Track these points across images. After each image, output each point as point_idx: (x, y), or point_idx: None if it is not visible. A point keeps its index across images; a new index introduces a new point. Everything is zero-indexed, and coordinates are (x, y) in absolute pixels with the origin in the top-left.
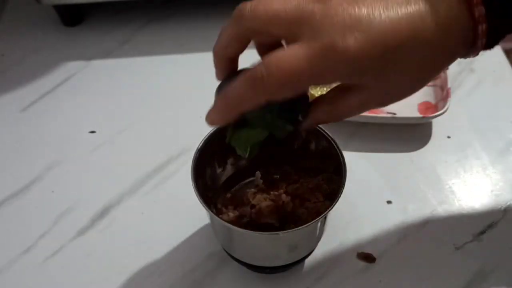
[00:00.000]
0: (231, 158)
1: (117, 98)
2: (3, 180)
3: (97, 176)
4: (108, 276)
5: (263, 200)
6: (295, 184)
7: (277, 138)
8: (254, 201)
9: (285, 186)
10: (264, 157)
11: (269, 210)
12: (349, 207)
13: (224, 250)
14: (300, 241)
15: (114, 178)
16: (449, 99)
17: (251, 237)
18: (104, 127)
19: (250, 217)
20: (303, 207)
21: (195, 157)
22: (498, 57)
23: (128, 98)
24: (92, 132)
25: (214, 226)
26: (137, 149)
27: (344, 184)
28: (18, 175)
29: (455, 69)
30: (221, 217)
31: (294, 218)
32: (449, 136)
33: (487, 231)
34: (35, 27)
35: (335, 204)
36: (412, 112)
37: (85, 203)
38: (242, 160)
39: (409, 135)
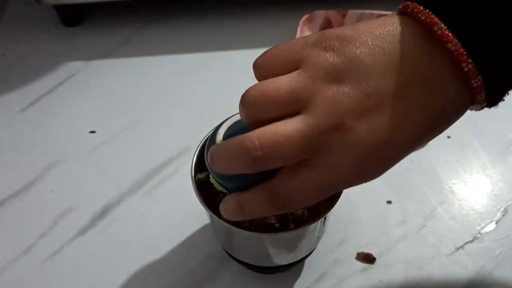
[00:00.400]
0: None
1: (117, 98)
2: (3, 180)
3: (97, 176)
4: (108, 276)
5: None
6: None
7: None
8: None
9: None
10: None
11: None
12: (349, 207)
13: (224, 250)
14: (300, 241)
15: (114, 178)
16: None
17: (251, 237)
18: (104, 127)
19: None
20: (303, 207)
21: (195, 157)
22: None
23: (128, 98)
24: (92, 132)
25: (214, 226)
26: (137, 149)
27: None
28: (18, 175)
29: None
30: (221, 217)
31: (294, 218)
32: (449, 136)
33: (487, 231)
34: (35, 27)
35: (335, 204)
36: None
37: (85, 203)
38: None
39: None
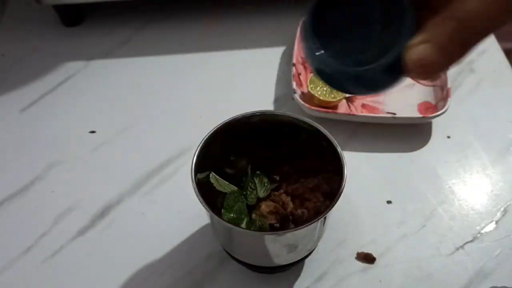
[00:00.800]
0: (231, 158)
1: (117, 98)
2: (3, 180)
3: (97, 176)
4: (108, 276)
5: (263, 200)
6: (295, 184)
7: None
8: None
9: (285, 186)
10: (264, 157)
11: (269, 210)
12: (349, 207)
13: (224, 250)
14: (300, 241)
15: (114, 178)
16: (449, 99)
17: (251, 237)
18: (104, 127)
19: (250, 217)
20: (303, 207)
21: (195, 157)
22: (498, 57)
23: (128, 98)
24: (92, 132)
25: (214, 226)
26: (137, 149)
27: (344, 184)
28: (18, 175)
29: (455, 69)
30: (221, 217)
31: (294, 218)
32: (449, 136)
33: (487, 231)
34: (35, 27)
35: (335, 204)
36: (412, 112)
37: (85, 203)
38: (242, 160)
39: (409, 135)
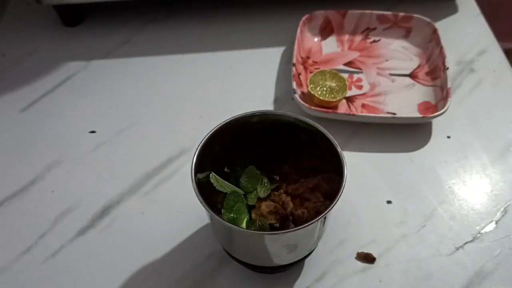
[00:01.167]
0: (231, 158)
1: (117, 98)
2: (3, 180)
3: (97, 176)
4: (108, 276)
5: (263, 200)
6: (295, 184)
7: None
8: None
9: (285, 186)
10: (264, 157)
11: (269, 210)
12: (349, 207)
13: (224, 250)
14: (300, 241)
15: (114, 178)
16: (449, 99)
17: (251, 237)
18: (104, 127)
19: (250, 217)
20: (303, 207)
21: (195, 157)
22: (498, 57)
23: (128, 98)
24: (92, 132)
25: (214, 226)
26: (137, 149)
27: (344, 184)
28: (18, 175)
29: (455, 69)
30: (221, 217)
31: (294, 218)
32: (449, 136)
33: (487, 231)
34: (35, 27)
35: (335, 204)
36: (412, 112)
37: (85, 203)
38: (242, 160)
39: (409, 135)
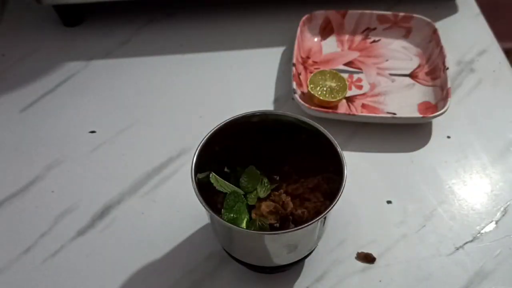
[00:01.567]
0: (231, 158)
1: (117, 98)
2: (3, 180)
3: (97, 176)
4: (108, 276)
5: (263, 200)
6: (295, 184)
7: None
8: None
9: (285, 186)
10: (264, 157)
11: (269, 210)
12: (349, 207)
13: (224, 250)
14: (300, 241)
15: (114, 178)
16: (449, 99)
17: (251, 237)
18: (104, 127)
19: (250, 217)
20: (303, 207)
21: (195, 157)
22: (498, 57)
23: (128, 98)
24: (92, 132)
25: (214, 226)
26: (137, 149)
27: (344, 184)
28: (18, 175)
29: (455, 69)
30: (221, 217)
31: (294, 218)
32: (449, 136)
33: (487, 231)
34: (35, 27)
35: (335, 204)
36: (412, 112)
37: (85, 203)
38: (242, 160)
39: (409, 135)
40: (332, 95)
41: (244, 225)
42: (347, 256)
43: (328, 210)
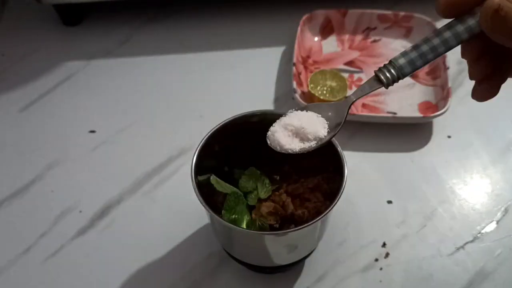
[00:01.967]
0: (231, 158)
1: (117, 98)
2: (3, 180)
3: (97, 176)
4: (108, 276)
5: (264, 201)
6: (295, 184)
7: None
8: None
9: (285, 186)
10: (264, 157)
11: (269, 211)
12: (349, 207)
13: (224, 250)
14: (300, 241)
15: (114, 178)
16: (450, 99)
17: (251, 237)
18: (104, 127)
19: (251, 217)
20: (303, 207)
21: (195, 157)
22: None
23: (128, 98)
24: (92, 132)
25: (214, 226)
26: (137, 149)
27: (344, 184)
28: (18, 175)
29: (456, 69)
30: (221, 218)
31: (294, 218)
32: (450, 136)
33: (488, 231)
34: (35, 27)
35: (335, 204)
36: (413, 112)
37: (85, 203)
38: (242, 160)
39: (410, 135)
40: (333, 95)
41: (245, 226)
42: (347, 256)
43: (328, 210)
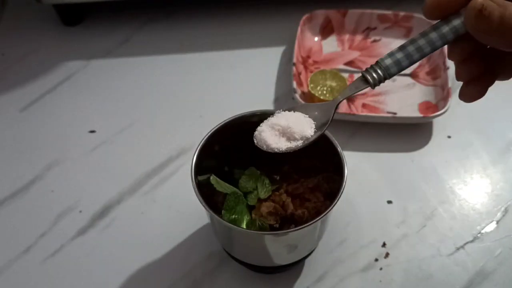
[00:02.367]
0: (231, 158)
1: (117, 98)
2: (3, 180)
3: (97, 176)
4: (108, 276)
5: (264, 201)
6: (295, 184)
7: None
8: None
9: (285, 186)
10: (264, 157)
11: (269, 211)
12: (349, 207)
13: (224, 250)
14: (300, 241)
15: (114, 178)
16: (450, 99)
17: (251, 237)
18: (104, 127)
19: (251, 217)
20: (303, 207)
21: (195, 157)
22: None
23: (128, 98)
24: (92, 132)
25: (214, 226)
26: (137, 149)
27: (344, 184)
28: (18, 175)
29: None
30: (221, 217)
31: (294, 218)
32: (450, 136)
33: (488, 231)
34: (35, 27)
35: (335, 204)
36: (413, 112)
37: (85, 203)
38: (242, 160)
39: (410, 135)
40: (333, 95)
41: (245, 226)
42: (347, 256)
43: (328, 210)
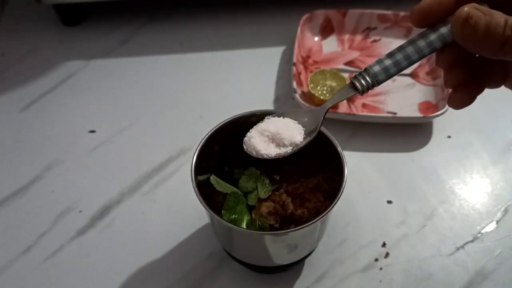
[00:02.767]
0: (231, 158)
1: (117, 98)
2: (3, 180)
3: (97, 176)
4: (108, 276)
5: (264, 201)
6: (295, 184)
7: None
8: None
9: (285, 186)
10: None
11: (269, 211)
12: (349, 207)
13: (224, 250)
14: (300, 241)
15: (114, 178)
16: None
17: (251, 237)
18: (104, 127)
19: (251, 217)
20: (303, 207)
21: (195, 157)
22: None
23: (128, 98)
24: (92, 132)
25: (214, 226)
26: (137, 149)
27: (344, 184)
28: (18, 175)
29: None
30: (221, 217)
31: (294, 218)
32: (450, 136)
33: (488, 231)
34: (35, 27)
35: (335, 204)
36: (413, 112)
37: (85, 203)
38: (242, 160)
39: (410, 135)
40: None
41: (245, 226)
42: (347, 256)
43: (328, 210)
